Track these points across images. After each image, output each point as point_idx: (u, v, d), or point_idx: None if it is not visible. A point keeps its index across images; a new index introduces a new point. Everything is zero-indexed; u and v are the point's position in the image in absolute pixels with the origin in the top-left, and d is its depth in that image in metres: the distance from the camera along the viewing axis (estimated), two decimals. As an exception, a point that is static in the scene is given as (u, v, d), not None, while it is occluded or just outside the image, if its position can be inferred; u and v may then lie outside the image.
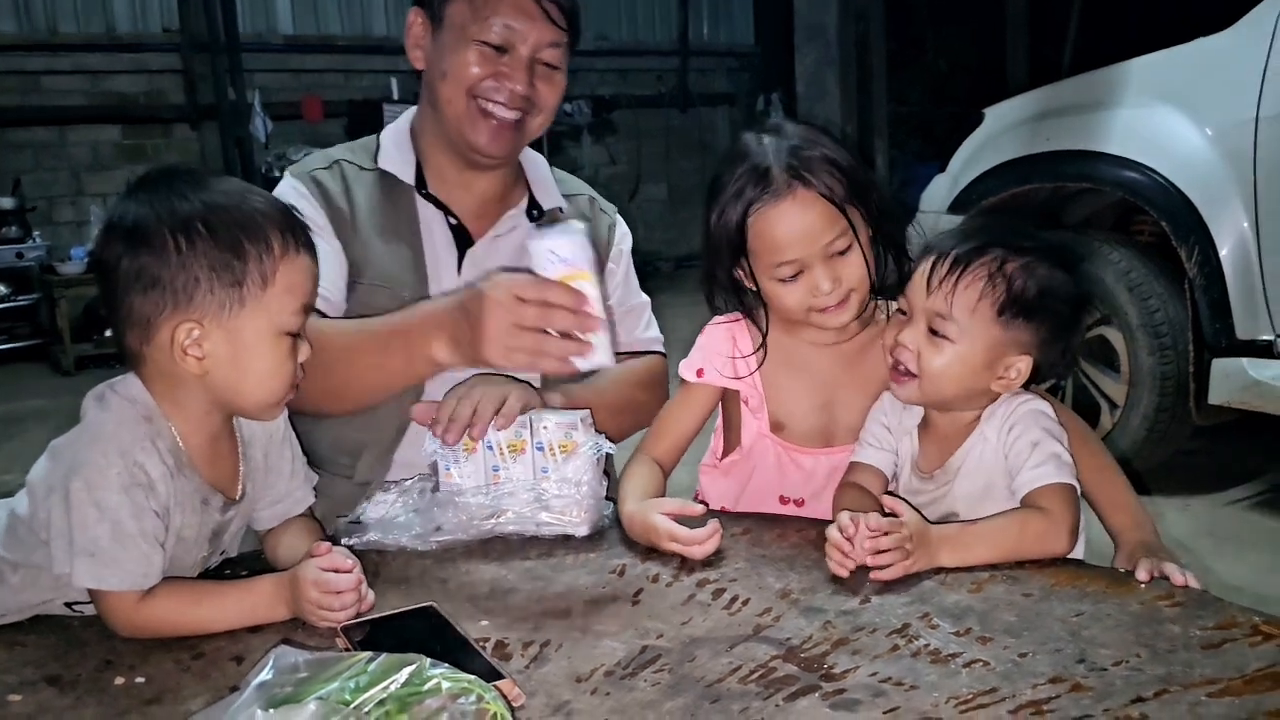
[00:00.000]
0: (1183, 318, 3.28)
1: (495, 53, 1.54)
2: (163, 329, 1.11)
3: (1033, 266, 1.28)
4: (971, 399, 1.32)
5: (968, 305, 1.27)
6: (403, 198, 1.64)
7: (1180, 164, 3.22)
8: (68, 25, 7.20)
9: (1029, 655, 1.00)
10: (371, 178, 1.65)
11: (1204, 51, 3.26)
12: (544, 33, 1.54)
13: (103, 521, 1.08)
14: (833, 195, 1.35)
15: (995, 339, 1.28)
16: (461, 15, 1.54)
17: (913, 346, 1.30)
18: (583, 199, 1.78)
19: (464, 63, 1.54)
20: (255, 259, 1.11)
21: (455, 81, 1.55)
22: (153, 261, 1.09)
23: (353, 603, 1.10)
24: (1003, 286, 1.27)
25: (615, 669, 1.02)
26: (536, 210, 1.69)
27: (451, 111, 1.57)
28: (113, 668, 1.06)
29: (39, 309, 6.59)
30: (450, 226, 1.65)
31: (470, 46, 1.53)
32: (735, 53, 10.31)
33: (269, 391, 1.17)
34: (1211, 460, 3.78)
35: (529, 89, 1.55)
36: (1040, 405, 1.31)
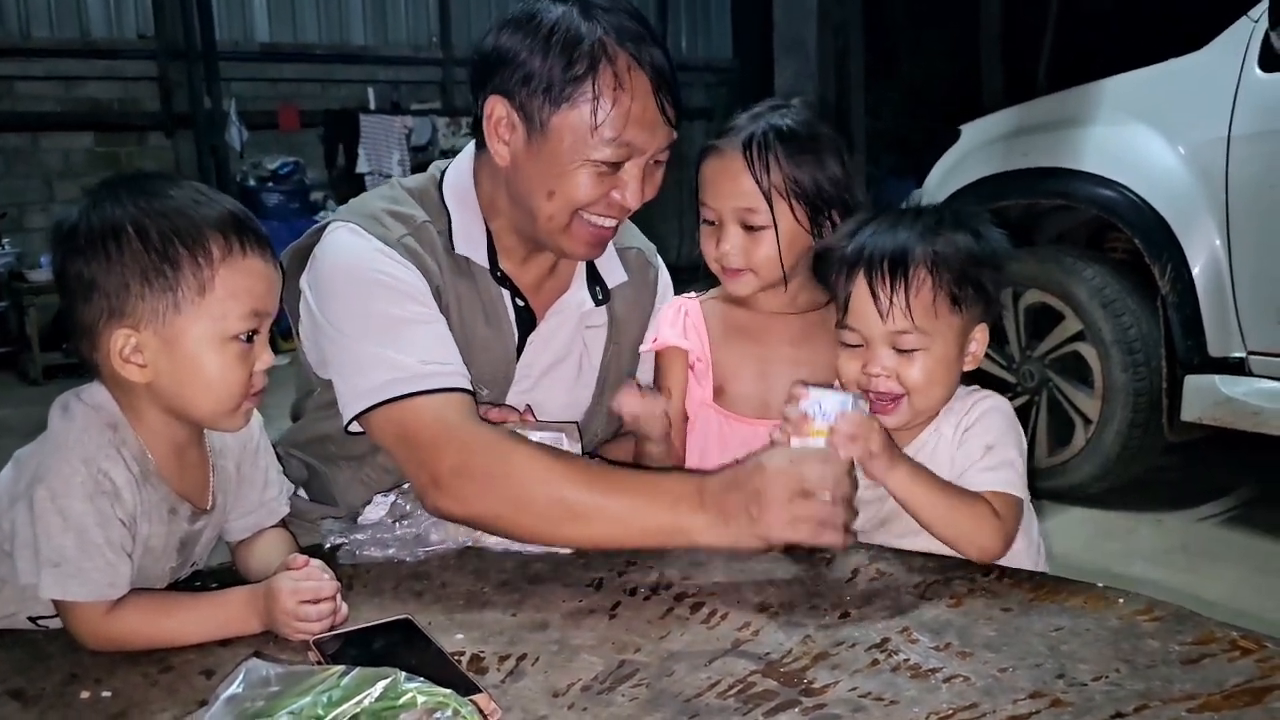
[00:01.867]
0: (1156, 334, 3.31)
1: (611, 169, 1.38)
2: (103, 336, 1.09)
3: (954, 241, 1.29)
4: (954, 390, 1.33)
5: (926, 312, 1.28)
6: (479, 277, 1.49)
7: (1154, 182, 3.26)
8: (41, 30, 7.14)
9: (1009, 670, 0.99)
10: (446, 247, 1.47)
11: (1177, 71, 3.30)
12: (663, 137, 1.39)
13: (67, 531, 1.06)
14: (761, 177, 1.44)
15: (958, 326, 1.30)
16: (574, 130, 1.35)
17: (887, 371, 1.29)
18: (633, 253, 1.66)
19: (578, 184, 1.38)
20: (191, 264, 1.08)
21: (564, 201, 1.40)
22: (87, 268, 1.07)
23: (329, 613, 1.08)
24: (947, 276, 1.28)
25: (592, 683, 1.01)
26: (600, 289, 1.58)
27: (551, 226, 1.43)
28: (78, 681, 1.04)
29: (7, 317, 6.50)
30: (516, 308, 1.53)
31: (586, 167, 1.37)
32: (713, 67, 10.36)
33: (217, 399, 1.13)
34: (1184, 476, 3.81)
35: (645, 194, 1.43)
36: (1000, 404, 1.32)
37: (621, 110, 1.35)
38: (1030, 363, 3.66)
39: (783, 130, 1.46)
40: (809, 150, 1.46)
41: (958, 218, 1.34)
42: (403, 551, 1.32)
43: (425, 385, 1.34)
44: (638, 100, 1.35)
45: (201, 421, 1.18)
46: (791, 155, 1.45)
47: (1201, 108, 3.19)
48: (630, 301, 1.64)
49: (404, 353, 1.35)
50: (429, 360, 1.36)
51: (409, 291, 1.41)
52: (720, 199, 1.47)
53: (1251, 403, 3.07)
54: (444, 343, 1.41)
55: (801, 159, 1.45)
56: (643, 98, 1.36)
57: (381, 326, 1.37)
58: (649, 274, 1.68)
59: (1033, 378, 3.65)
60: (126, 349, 1.09)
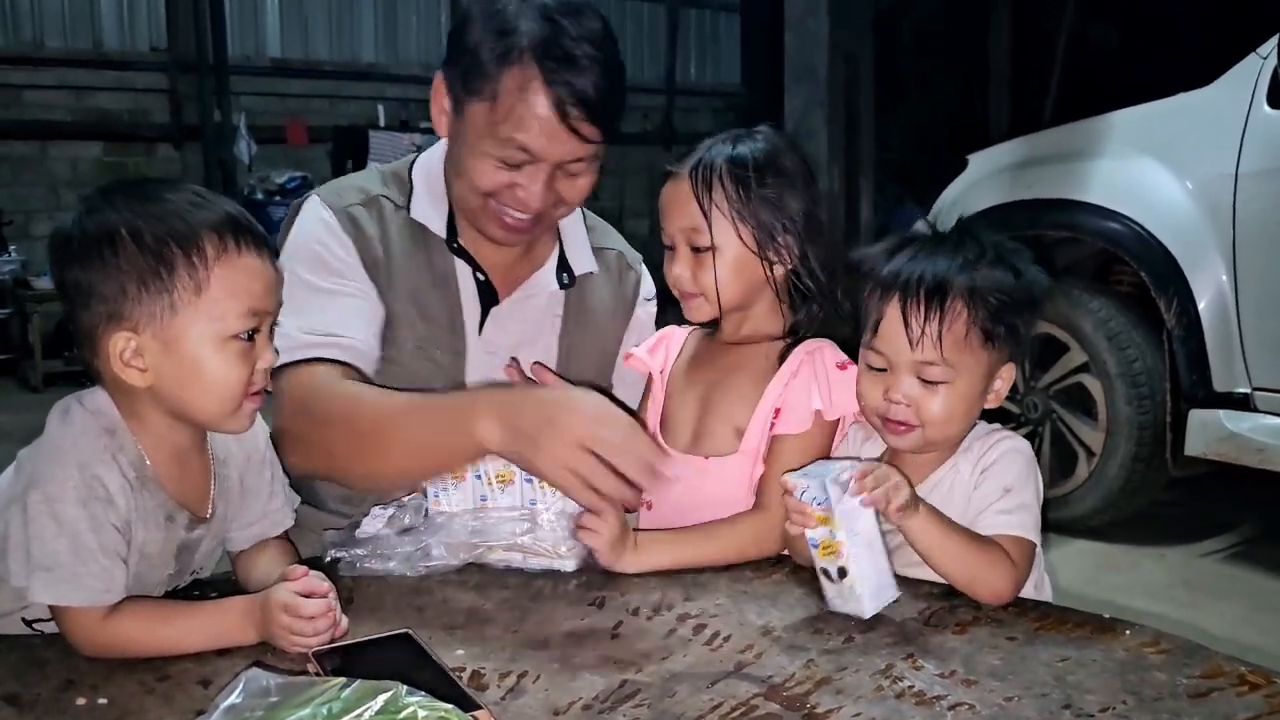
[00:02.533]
0: (1160, 368, 3.31)
1: (510, 169, 1.41)
2: (102, 341, 1.09)
3: (994, 277, 1.25)
4: (972, 426, 1.31)
5: (956, 346, 1.24)
6: (435, 248, 1.54)
7: (1161, 216, 3.26)
8: (54, 40, 7.19)
9: (1015, 700, 0.98)
10: (404, 219, 1.53)
11: (1186, 106, 3.32)
12: (571, 149, 1.40)
13: (61, 536, 1.05)
14: (702, 196, 1.40)
15: (987, 364, 1.26)
16: (480, 121, 1.39)
17: (908, 400, 1.25)
18: (611, 254, 1.69)
19: (478, 171, 1.42)
20: (186, 265, 1.08)
21: (468, 184, 1.45)
22: (84, 274, 1.08)
23: (325, 629, 1.07)
24: (983, 312, 1.24)
25: (593, 703, 0.99)
26: (567, 275, 1.61)
27: (466, 205, 1.49)
28: (74, 688, 1.02)
29: (10, 324, 6.51)
30: (477, 282, 1.56)
31: (485, 158, 1.41)
32: (721, 92, 10.43)
33: (219, 399, 1.13)
34: (1187, 511, 3.80)
35: (550, 196, 1.43)
36: (1020, 446, 1.29)
37: (517, 118, 1.37)
38: (1034, 394, 3.66)
39: (733, 155, 1.42)
40: (761, 175, 1.40)
41: (999, 251, 1.29)
42: (403, 566, 1.31)
43: (298, 355, 1.39)
44: (538, 113, 1.36)
45: (204, 423, 1.17)
46: (738, 179, 1.40)
47: (1209, 143, 3.20)
48: (602, 297, 1.66)
49: (300, 323, 1.40)
50: (315, 331, 1.42)
51: (332, 264, 1.48)
52: (670, 221, 1.45)
53: (1256, 439, 3.07)
54: (348, 315, 1.46)
55: (748, 183, 1.40)
56: (543, 111, 1.36)
57: (298, 297, 1.39)
58: (629, 277, 1.70)
59: (1036, 409, 3.64)
60: (126, 352, 1.08)
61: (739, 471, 1.41)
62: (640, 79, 9.84)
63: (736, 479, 1.41)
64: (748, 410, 1.41)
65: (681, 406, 1.49)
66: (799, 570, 1.30)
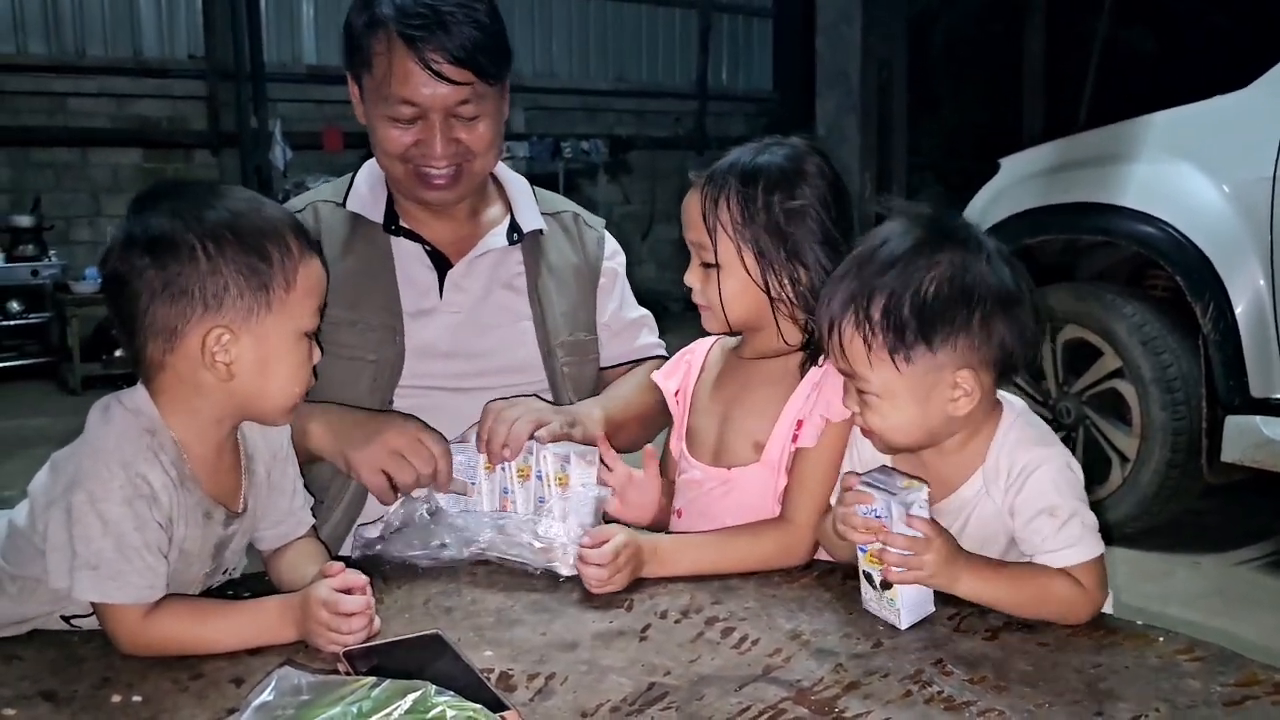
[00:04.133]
0: (1196, 374, 3.26)
1: (409, 124, 1.52)
2: (190, 336, 1.11)
3: (910, 285, 1.16)
4: (943, 430, 1.22)
5: (863, 361, 1.18)
6: (374, 234, 1.65)
7: (1197, 220, 3.22)
8: (95, 49, 7.30)
9: (1045, 706, 0.98)
10: (344, 215, 1.65)
11: (1222, 109, 3.27)
12: (449, 94, 1.50)
13: (106, 535, 1.07)
14: (709, 213, 1.38)
15: (912, 375, 1.17)
16: (369, 92, 1.54)
17: (855, 410, 1.24)
18: (567, 215, 1.79)
19: (386, 138, 1.54)
20: (279, 263, 1.13)
21: (384, 153, 1.56)
22: (181, 270, 1.10)
23: (362, 626, 1.09)
24: (879, 323, 1.16)
25: (621, 705, 1.00)
26: (516, 233, 1.69)
27: (393, 176, 1.60)
28: (110, 685, 1.04)
29: (50, 327, 6.61)
30: (428, 254, 1.66)
31: (384, 122, 1.53)
32: (753, 98, 10.41)
33: (289, 395, 1.18)
34: (1222, 519, 3.74)
35: (452, 145, 1.53)
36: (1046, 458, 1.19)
37: (391, 76, 1.49)
38: (1067, 399, 3.62)
39: (745, 172, 1.37)
40: (770, 195, 1.36)
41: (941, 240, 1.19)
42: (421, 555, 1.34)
43: None
44: (405, 66, 1.48)
45: (264, 416, 1.20)
46: (745, 199, 1.36)
47: (1246, 146, 3.15)
48: (561, 251, 1.74)
49: None
50: None
51: None
52: (685, 231, 1.44)
53: (1294, 446, 3.02)
54: None
55: (754, 203, 1.36)
56: (408, 63, 1.48)
57: None
58: (589, 235, 1.78)
59: (1069, 414, 3.60)
60: (217, 347, 1.11)
61: (761, 482, 1.41)
62: (672, 83, 9.86)
63: (760, 489, 1.41)
64: (767, 424, 1.41)
65: (705, 420, 1.49)
66: (827, 575, 1.30)
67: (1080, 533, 1.17)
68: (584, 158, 8.55)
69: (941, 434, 1.22)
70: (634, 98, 9.47)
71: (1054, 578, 1.17)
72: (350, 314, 1.57)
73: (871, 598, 1.19)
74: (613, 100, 9.07)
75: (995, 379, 1.21)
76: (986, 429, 1.24)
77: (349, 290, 1.58)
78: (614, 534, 1.28)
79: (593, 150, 8.62)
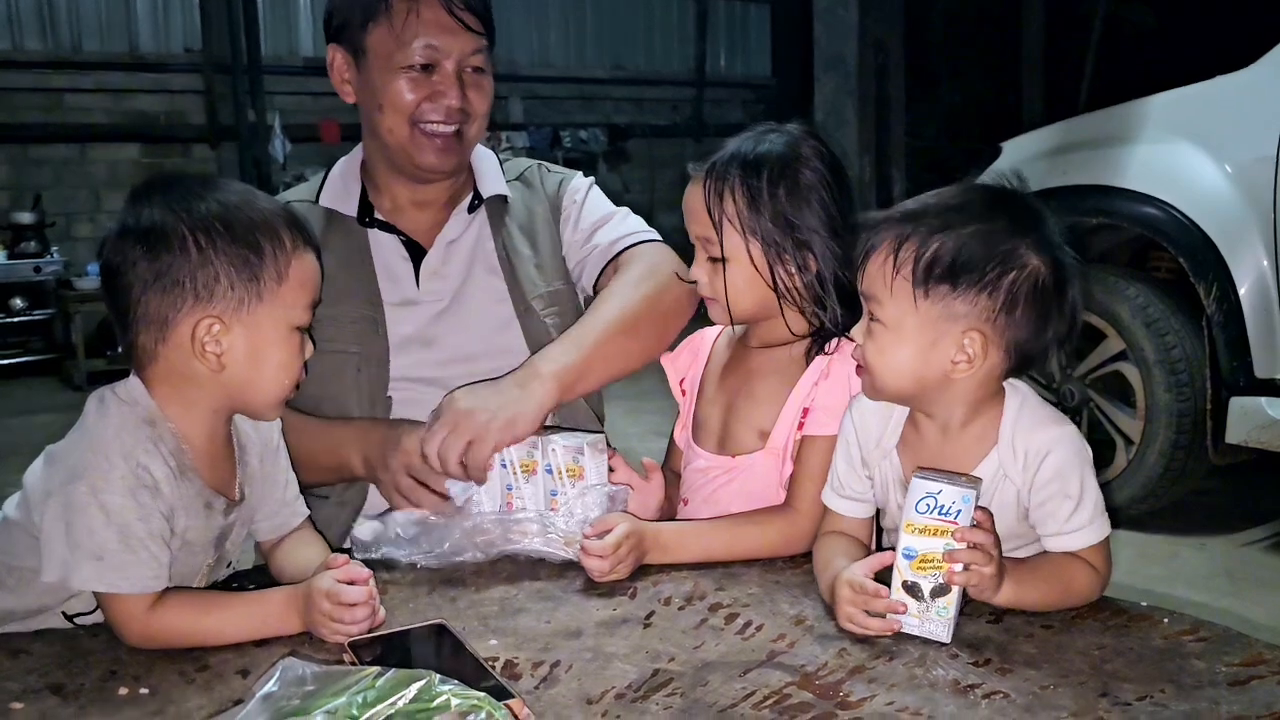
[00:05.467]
0: (1200, 355, 3.26)
1: (424, 74, 1.53)
2: (181, 326, 1.11)
3: (954, 228, 1.14)
4: (934, 389, 1.19)
5: (884, 279, 1.16)
6: (349, 228, 1.64)
7: (1199, 201, 3.21)
8: (91, 44, 7.28)
9: (1050, 688, 0.98)
10: (318, 213, 1.64)
11: (1225, 88, 3.26)
12: (465, 42, 1.54)
13: (109, 525, 1.07)
14: (713, 206, 1.37)
15: (926, 314, 1.15)
16: (384, 44, 1.53)
17: (859, 338, 1.21)
18: (530, 170, 1.77)
19: (398, 91, 1.53)
20: (271, 255, 1.13)
21: (394, 110, 1.55)
22: (173, 260, 1.10)
23: (365, 617, 1.09)
24: (912, 251, 1.14)
25: (626, 691, 1.00)
26: (476, 200, 1.68)
27: (395, 140, 1.57)
28: (117, 678, 1.05)
29: (53, 324, 6.62)
30: (404, 244, 1.65)
31: (400, 74, 1.53)
32: (751, 84, 10.38)
33: (280, 387, 1.17)
34: (1228, 500, 3.74)
35: (463, 100, 1.55)
36: (1065, 439, 1.18)
37: (414, 22, 1.51)
38: (1071, 382, 3.62)
39: (747, 163, 1.37)
40: (775, 185, 1.35)
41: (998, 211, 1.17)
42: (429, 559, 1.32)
43: None
44: (430, 12, 1.52)
45: (254, 410, 1.20)
46: (750, 190, 1.35)
47: (1249, 126, 3.14)
48: (530, 210, 1.72)
49: None
50: None
51: None
52: (689, 225, 1.42)
53: (1299, 426, 3.01)
54: None
55: (760, 194, 1.35)
56: (434, 7, 1.52)
57: None
58: (549, 180, 1.76)
59: (1073, 397, 3.60)
60: (208, 338, 1.11)
61: (766, 469, 1.41)
62: (670, 71, 9.83)
63: (765, 477, 1.41)
64: (772, 412, 1.40)
65: (710, 409, 1.49)
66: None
67: (1093, 514, 1.17)
68: (583, 147, 8.55)
69: (931, 392, 1.19)
70: (631, 85, 9.44)
71: (1075, 569, 1.16)
72: (331, 309, 1.54)
73: (912, 612, 1.08)
74: (610, 88, 9.06)
75: (1005, 364, 1.18)
76: (992, 410, 1.21)
77: (328, 285, 1.54)
78: (616, 524, 1.28)
79: (591, 139, 8.62)
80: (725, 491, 1.43)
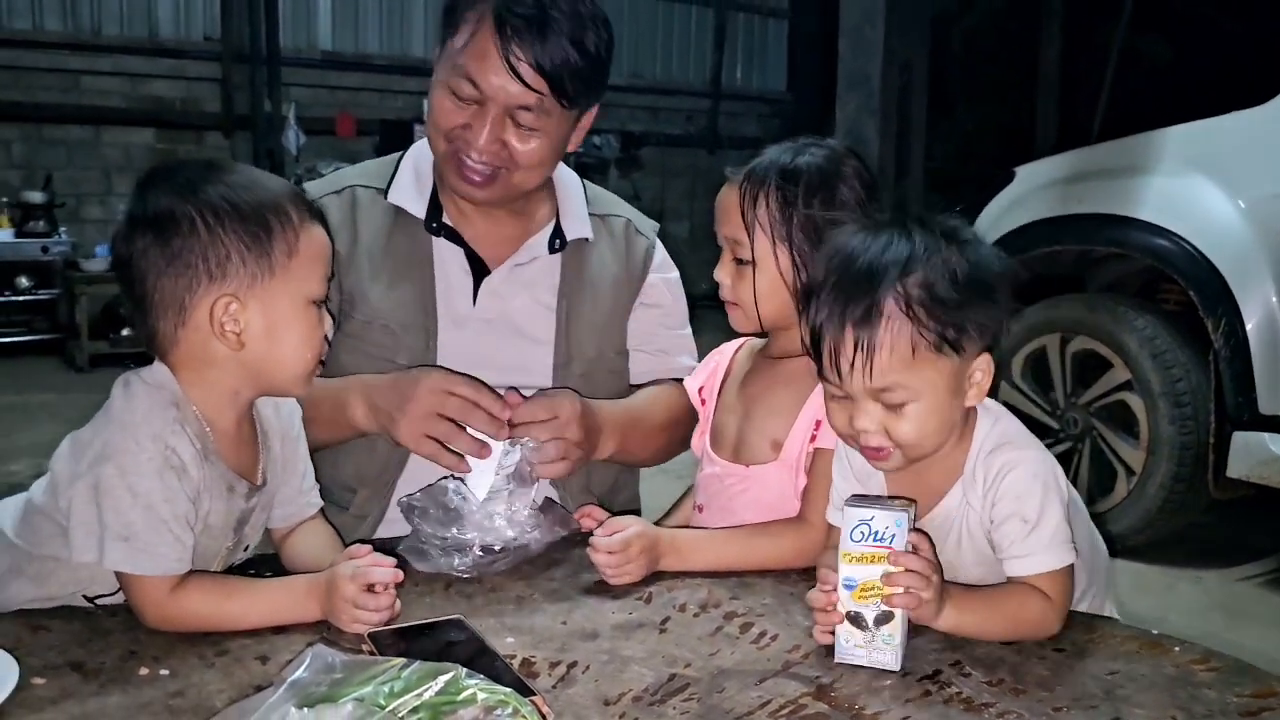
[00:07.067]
0: (1205, 388, 3.27)
1: (464, 101, 1.45)
2: (199, 308, 1.13)
3: (934, 272, 1.11)
4: (956, 427, 1.19)
5: (904, 365, 1.11)
6: (416, 231, 1.58)
7: (1211, 234, 3.23)
8: (111, 27, 7.31)
9: (1063, 710, 0.98)
10: (385, 206, 1.59)
11: (1241, 124, 3.28)
12: (513, 94, 1.43)
13: (136, 507, 1.08)
14: (746, 210, 1.39)
15: (953, 367, 1.13)
16: (446, 54, 1.47)
17: (875, 427, 1.14)
18: (617, 221, 1.70)
19: (438, 106, 1.48)
20: (280, 229, 1.14)
21: (432, 124, 1.50)
22: (184, 243, 1.11)
23: (387, 605, 1.10)
24: (928, 322, 1.10)
25: (643, 695, 1.01)
26: (559, 240, 1.62)
27: (435, 152, 1.53)
28: (136, 658, 1.05)
29: (59, 304, 6.62)
30: (466, 256, 1.59)
31: (444, 91, 1.46)
32: (767, 98, 10.42)
33: (302, 361, 1.18)
34: (1226, 534, 3.75)
35: (497, 144, 1.45)
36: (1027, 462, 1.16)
37: (468, 47, 1.43)
38: (1075, 410, 3.63)
39: (786, 170, 1.38)
40: (810, 196, 1.37)
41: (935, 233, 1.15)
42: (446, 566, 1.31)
43: None
44: (485, 44, 1.41)
45: (279, 386, 1.21)
46: (785, 197, 1.37)
47: (1263, 162, 3.16)
48: (604, 262, 1.65)
49: None
50: None
51: None
52: (719, 226, 1.44)
53: (1301, 463, 3.03)
54: None
55: (794, 203, 1.36)
56: (489, 43, 1.41)
57: None
58: (638, 244, 1.70)
59: (1076, 425, 3.61)
60: (225, 317, 1.13)
61: (780, 480, 1.41)
62: (686, 81, 9.86)
63: (779, 487, 1.41)
64: (786, 424, 1.41)
65: (727, 417, 1.50)
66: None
67: (1050, 540, 1.13)
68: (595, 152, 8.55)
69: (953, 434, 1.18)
70: (648, 94, 9.47)
71: (1025, 597, 1.13)
72: (385, 315, 1.54)
73: (856, 643, 1.07)
74: (626, 96, 9.07)
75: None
76: (969, 429, 1.20)
77: (386, 290, 1.55)
78: (628, 525, 1.29)
79: (604, 145, 8.63)
80: (740, 501, 1.44)
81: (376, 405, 1.42)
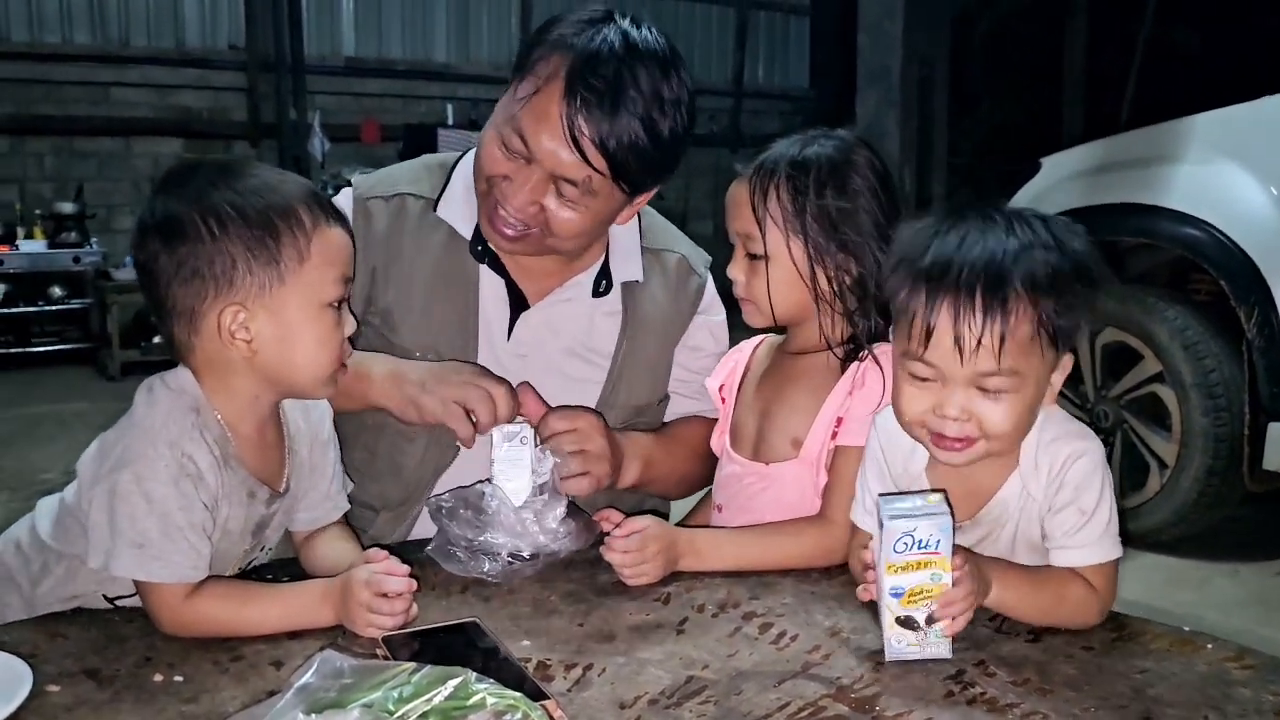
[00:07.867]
0: (1239, 379, 3.21)
1: (511, 152, 1.37)
2: (208, 316, 1.12)
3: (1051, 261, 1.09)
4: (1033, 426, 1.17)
5: (1022, 351, 1.09)
6: (464, 257, 1.52)
7: (1242, 222, 3.17)
8: (139, 38, 7.39)
9: (1091, 711, 0.96)
10: (434, 221, 1.52)
11: (1271, 110, 3.22)
12: (563, 163, 1.34)
13: (151, 514, 1.08)
14: (758, 204, 1.37)
15: (1050, 362, 1.13)
16: (509, 99, 1.39)
17: (965, 415, 1.11)
18: (671, 257, 1.61)
19: (486, 149, 1.41)
20: (289, 235, 1.12)
21: (477, 159, 1.44)
22: (190, 251, 1.10)
23: (402, 610, 1.09)
24: (1050, 308, 1.09)
25: (660, 697, 0.99)
26: (605, 281, 1.54)
27: (475, 185, 1.47)
28: (152, 664, 1.05)
29: (91, 313, 6.70)
30: (509, 286, 1.53)
31: (494, 138, 1.39)
32: (789, 95, 10.37)
33: (319, 365, 1.17)
34: (1262, 527, 3.68)
35: (534, 207, 1.38)
36: (1089, 453, 1.15)
37: (529, 100, 1.34)
38: (1105, 403, 3.58)
39: (795, 162, 1.36)
40: (821, 187, 1.35)
41: (1050, 230, 1.13)
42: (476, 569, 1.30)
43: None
44: (550, 108, 1.33)
45: (300, 390, 1.20)
46: (796, 188, 1.35)
47: (1296, 148, 3.10)
48: (657, 303, 1.58)
49: None
50: None
51: None
52: (730, 222, 1.42)
53: (1339, 454, 2.97)
54: None
55: (805, 194, 1.35)
56: (555, 109, 1.33)
57: None
58: (690, 283, 1.62)
59: (1108, 418, 3.56)
60: (234, 325, 1.12)
61: (800, 478, 1.40)
62: (708, 80, 9.83)
63: (799, 485, 1.40)
64: (805, 421, 1.39)
65: (747, 415, 1.48)
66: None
67: (1102, 533, 1.14)
68: (618, 152, 8.55)
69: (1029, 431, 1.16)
70: (670, 94, 9.45)
71: (1069, 581, 1.14)
72: (428, 337, 1.49)
73: (909, 643, 1.06)
74: (649, 96, 9.05)
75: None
76: None
77: (428, 312, 1.50)
78: (646, 525, 1.27)
79: (627, 146, 8.62)
80: (760, 500, 1.42)
81: (404, 375, 1.40)
